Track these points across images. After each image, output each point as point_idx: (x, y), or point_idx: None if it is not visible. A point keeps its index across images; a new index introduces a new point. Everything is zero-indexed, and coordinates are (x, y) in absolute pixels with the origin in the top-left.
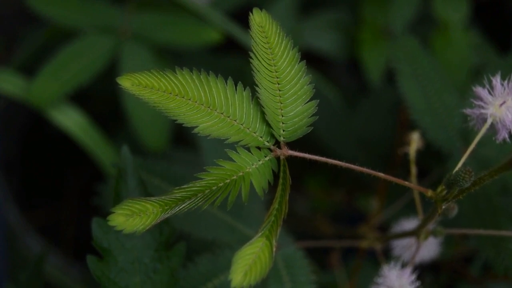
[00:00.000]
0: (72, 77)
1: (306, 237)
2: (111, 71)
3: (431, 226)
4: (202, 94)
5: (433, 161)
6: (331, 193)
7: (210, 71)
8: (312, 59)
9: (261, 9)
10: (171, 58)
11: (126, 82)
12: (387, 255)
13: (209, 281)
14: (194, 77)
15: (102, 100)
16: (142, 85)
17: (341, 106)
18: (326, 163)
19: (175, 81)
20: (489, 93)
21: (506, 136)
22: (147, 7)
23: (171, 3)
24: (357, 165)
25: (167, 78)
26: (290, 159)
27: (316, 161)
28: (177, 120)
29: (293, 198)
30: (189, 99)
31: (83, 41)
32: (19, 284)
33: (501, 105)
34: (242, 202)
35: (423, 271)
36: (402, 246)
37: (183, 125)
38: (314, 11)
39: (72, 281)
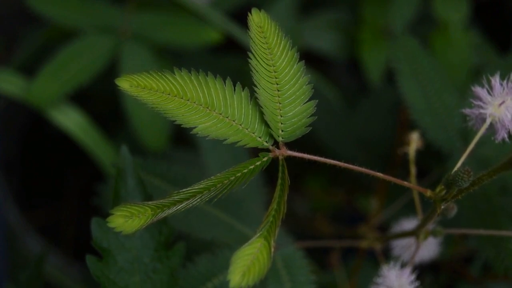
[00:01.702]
0: (72, 77)
1: (306, 237)
2: (111, 71)
3: (430, 226)
4: (200, 94)
5: (433, 161)
6: (331, 193)
7: (209, 72)
8: (312, 59)
9: (260, 9)
10: (171, 58)
11: (125, 84)
12: (387, 255)
13: (208, 280)
14: (192, 77)
15: (102, 100)
16: (141, 87)
17: (341, 106)
18: (325, 163)
19: (174, 82)
20: (488, 93)
21: (505, 136)
22: (147, 7)
23: (171, 3)
24: (356, 165)
25: (165, 79)
26: (289, 159)
27: (315, 161)
28: (176, 121)
29: (293, 198)
30: (188, 100)
31: (83, 41)
32: (19, 284)
33: (500, 105)
34: (241, 202)
35: (423, 271)
36: (401, 246)
37: (182, 126)
38: (314, 11)
39: (72, 281)
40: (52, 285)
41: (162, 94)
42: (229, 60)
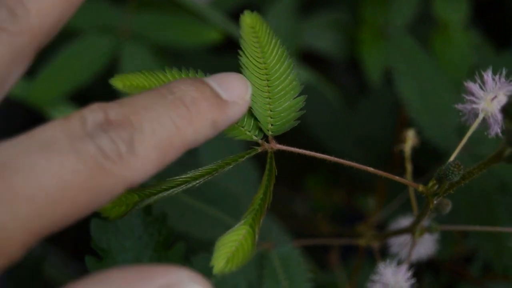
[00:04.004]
0: (72, 77)
1: (305, 236)
2: (111, 71)
3: (426, 223)
4: None
5: (432, 159)
6: (330, 192)
7: (199, 70)
8: (312, 59)
9: (258, 10)
10: (171, 58)
11: (118, 83)
12: (385, 253)
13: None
14: (183, 76)
15: (102, 100)
16: (133, 86)
17: (341, 105)
18: (324, 162)
19: (165, 80)
20: (481, 88)
21: (498, 131)
22: (147, 7)
23: (171, 3)
24: (351, 162)
25: (157, 77)
26: (289, 159)
27: (314, 161)
28: None
29: (293, 198)
30: None
31: (83, 41)
32: (19, 284)
33: (492, 99)
34: (239, 201)
35: (423, 271)
36: (399, 244)
37: None
38: (314, 11)
39: (72, 281)
40: (52, 285)
41: None
42: (229, 60)
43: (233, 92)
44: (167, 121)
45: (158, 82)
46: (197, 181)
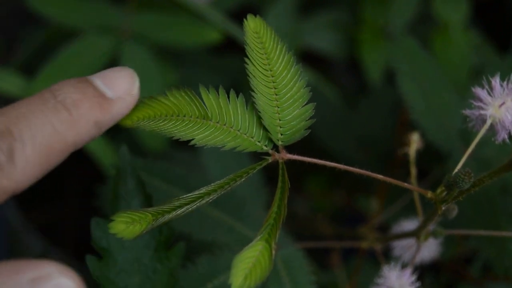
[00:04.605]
0: (72, 77)
1: (307, 238)
2: None
3: (431, 226)
4: (195, 108)
5: (433, 161)
6: (331, 193)
7: (200, 84)
8: (312, 59)
9: (259, 10)
10: (171, 58)
11: (127, 121)
12: (387, 256)
13: (208, 281)
14: (184, 95)
15: None
16: (140, 119)
17: (341, 106)
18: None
19: (168, 103)
20: (489, 94)
21: (506, 137)
22: (147, 7)
23: (171, 3)
24: (356, 166)
25: (160, 102)
26: (288, 160)
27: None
28: (173, 137)
29: (293, 198)
30: (184, 116)
31: (83, 41)
32: None
33: (500, 106)
34: (242, 203)
35: (424, 271)
36: (402, 247)
37: (180, 140)
38: (314, 11)
39: None
40: None
41: (160, 117)
42: (229, 60)
43: (118, 89)
44: (47, 127)
45: (162, 107)
46: (211, 197)
